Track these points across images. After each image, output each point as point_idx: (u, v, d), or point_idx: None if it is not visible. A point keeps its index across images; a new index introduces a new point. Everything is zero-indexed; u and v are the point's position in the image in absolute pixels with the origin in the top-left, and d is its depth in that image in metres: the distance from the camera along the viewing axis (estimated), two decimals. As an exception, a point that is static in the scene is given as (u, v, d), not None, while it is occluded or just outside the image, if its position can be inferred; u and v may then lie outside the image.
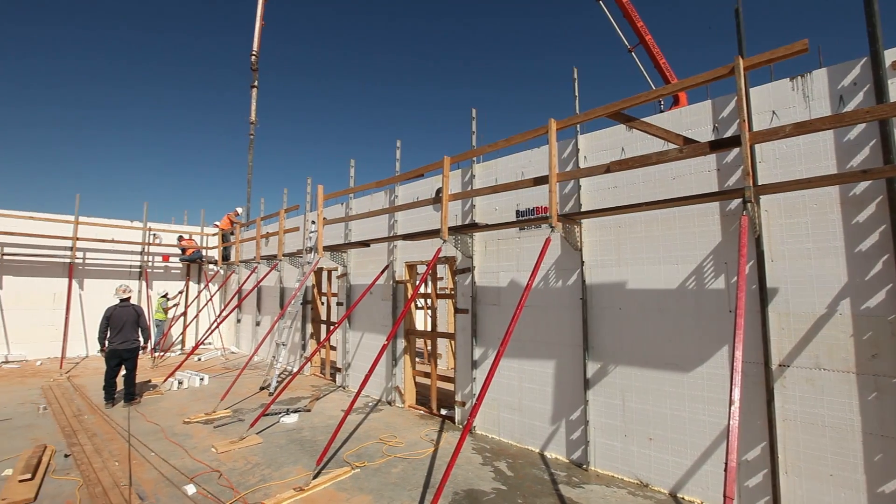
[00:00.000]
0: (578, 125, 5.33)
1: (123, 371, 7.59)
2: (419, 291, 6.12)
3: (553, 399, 5.47)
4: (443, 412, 7.05)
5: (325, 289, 10.58)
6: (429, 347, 11.27)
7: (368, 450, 5.57)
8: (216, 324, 11.32)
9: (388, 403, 7.83)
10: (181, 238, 14.55)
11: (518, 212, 6.11)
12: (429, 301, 12.30)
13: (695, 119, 4.63)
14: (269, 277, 12.10)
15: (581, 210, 5.31)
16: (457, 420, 6.60)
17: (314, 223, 8.99)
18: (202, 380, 9.26)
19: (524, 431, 5.74)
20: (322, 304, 10.84)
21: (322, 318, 10.67)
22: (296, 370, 8.69)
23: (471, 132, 6.70)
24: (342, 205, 9.58)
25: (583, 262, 5.28)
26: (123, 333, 7.47)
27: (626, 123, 4.72)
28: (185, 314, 14.24)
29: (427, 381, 8.15)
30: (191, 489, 4.40)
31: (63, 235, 12.23)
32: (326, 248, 8.91)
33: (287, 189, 11.78)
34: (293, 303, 9.18)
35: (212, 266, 15.25)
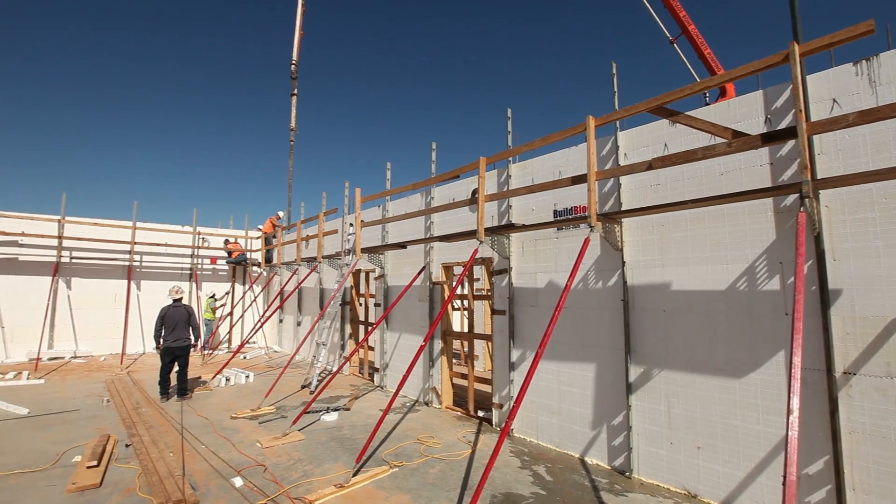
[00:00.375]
0: (617, 122, 5.18)
1: (176, 367, 8.06)
2: (456, 293, 6.11)
3: (593, 403, 5.33)
4: (480, 414, 7.01)
5: (363, 290, 10.80)
6: (465, 349, 11.34)
7: (406, 449, 5.62)
8: (260, 324, 11.79)
9: (426, 404, 7.88)
10: (227, 241, 15.32)
11: (556, 212, 6.00)
12: (465, 302, 12.32)
13: (745, 111, 4.38)
14: (310, 279, 12.49)
15: (621, 209, 5.15)
16: (494, 422, 6.55)
17: (352, 225, 9.19)
18: (248, 377, 9.68)
19: (563, 435, 5.62)
20: (360, 305, 11.06)
21: (360, 319, 10.89)
22: (335, 369, 8.90)
23: (506, 132, 6.65)
24: (379, 207, 9.74)
25: (624, 263, 5.11)
26: (176, 332, 7.94)
27: (670, 118, 4.53)
28: (231, 314, 14.97)
29: (464, 383, 8.14)
30: (238, 482, 4.60)
31: (122, 240, 13.25)
32: (364, 250, 9.09)
33: (326, 192, 12.17)
34: (332, 304, 9.42)
35: (255, 268, 15.94)
